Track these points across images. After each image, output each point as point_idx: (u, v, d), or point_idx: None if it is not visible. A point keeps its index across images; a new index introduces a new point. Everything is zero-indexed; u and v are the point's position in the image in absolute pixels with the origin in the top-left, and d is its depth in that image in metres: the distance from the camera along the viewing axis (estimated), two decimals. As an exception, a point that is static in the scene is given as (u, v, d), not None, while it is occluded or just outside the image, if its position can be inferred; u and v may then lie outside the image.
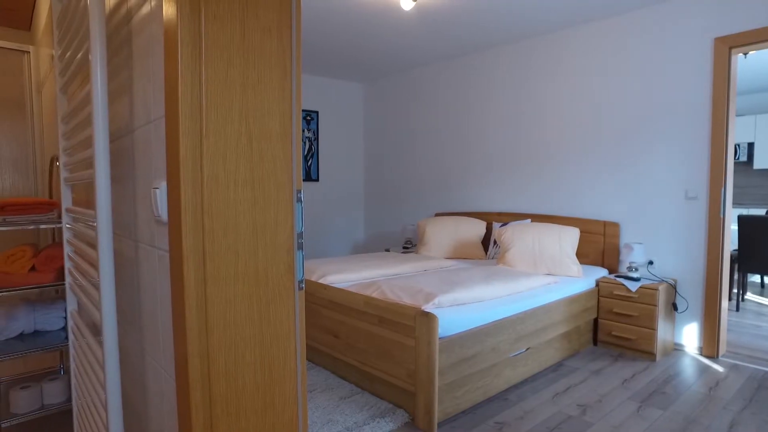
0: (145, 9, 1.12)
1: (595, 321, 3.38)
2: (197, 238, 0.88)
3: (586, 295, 3.19)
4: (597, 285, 3.32)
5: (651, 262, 3.37)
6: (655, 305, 3.02)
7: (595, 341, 3.40)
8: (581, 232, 3.69)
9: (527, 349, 2.77)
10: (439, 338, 2.25)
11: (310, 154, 5.18)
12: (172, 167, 0.90)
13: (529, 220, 3.94)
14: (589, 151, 3.68)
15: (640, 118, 3.40)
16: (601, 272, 3.44)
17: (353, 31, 3.84)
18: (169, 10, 0.90)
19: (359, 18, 3.56)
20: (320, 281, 2.99)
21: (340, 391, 2.64)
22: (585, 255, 3.68)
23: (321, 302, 2.84)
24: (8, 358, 2.19)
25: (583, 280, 3.23)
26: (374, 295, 2.66)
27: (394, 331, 2.39)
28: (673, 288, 3.19)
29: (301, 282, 1.01)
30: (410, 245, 4.67)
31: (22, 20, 3.56)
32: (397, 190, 5.29)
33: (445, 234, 4.10)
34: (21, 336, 2.41)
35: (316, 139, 5.27)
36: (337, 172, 5.49)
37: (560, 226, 3.46)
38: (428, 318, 2.20)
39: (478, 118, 4.43)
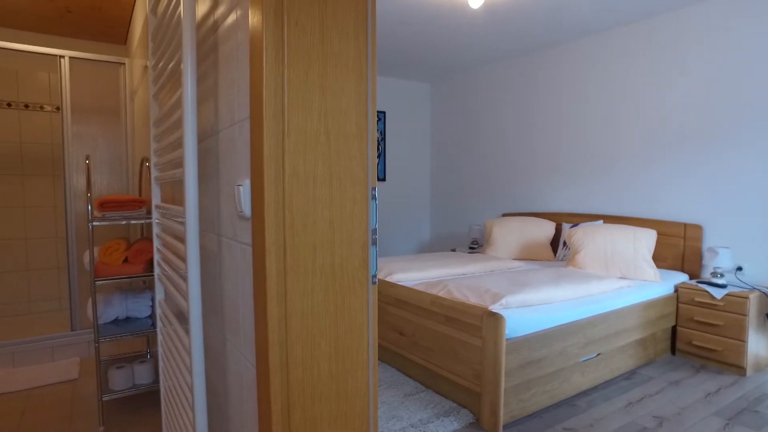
0: (231, 19, 1.20)
1: (674, 329, 3.19)
2: (279, 233, 0.93)
3: (663, 300, 3.02)
4: (676, 291, 3.13)
5: (740, 268, 3.13)
6: (745, 315, 2.80)
7: (673, 350, 3.21)
8: (658, 234, 3.49)
9: (598, 354, 2.67)
10: (506, 339, 2.22)
11: (377, 154, 5.26)
12: (256, 165, 0.96)
13: (600, 221, 3.78)
14: (667, 150, 3.47)
15: (728, 115, 3.16)
16: (681, 277, 3.24)
17: (421, 31, 3.85)
18: (254, 19, 0.96)
19: (427, 18, 3.58)
20: (387, 279, 3.03)
21: (404, 387, 2.67)
22: (662, 259, 3.48)
23: (388, 300, 2.88)
24: (107, 340, 2.41)
25: (660, 284, 3.06)
26: (441, 294, 2.66)
27: (460, 330, 2.38)
28: (767, 297, 2.94)
29: (374, 277, 1.05)
30: (476, 245, 4.62)
31: (119, 36, 3.89)
32: (464, 189, 5.25)
33: (513, 234, 4.03)
34: (116, 321, 2.64)
35: (383, 138, 5.34)
36: (403, 171, 5.53)
37: (635, 227, 3.29)
38: (495, 318, 2.17)
39: (546, 116, 4.31)
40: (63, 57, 3.19)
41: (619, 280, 2.98)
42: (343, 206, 0.99)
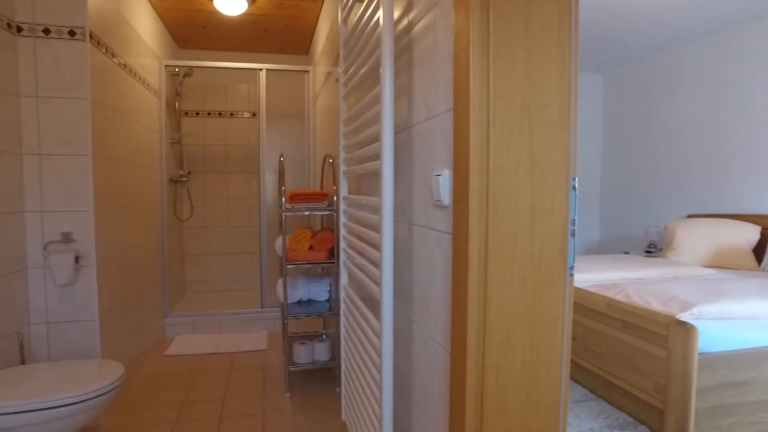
0: (428, 19, 1.27)
1: None
2: (481, 221, 0.97)
3: None
4: None
5: None
6: None
7: None
8: None
9: (823, 384, 2.23)
10: (699, 353, 1.98)
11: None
12: (459, 156, 1.01)
13: (824, 226, 3.14)
14: None
15: None
16: None
17: (592, 18, 3.61)
18: (459, 15, 1.01)
19: (599, 2, 3.34)
20: (553, 279, 2.91)
21: (573, 393, 2.54)
22: None
23: (554, 300, 2.77)
24: (293, 318, 2.72)
25: None
26: (618, 297, 2.48)
27: (640, 338, 2.19)
28: None
29: (571, 268, 1.03)
30: (654, 249, 4.19)
31: (303, 47, 4.35)
32: (639, 188, 4.79)
33: (701, 238, 3.56)
34: (299, 302, 2.97)
35: (546, 134, 5.12)
36: (567, 168, 5.23)
37: None
38: (686, 328, 1.95)
39: (744, 104, 3.70)
40: (261, 70, 3.68)
41: None
42: (544, 196, 0.99)
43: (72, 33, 2.24)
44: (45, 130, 2.25)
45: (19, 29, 2.19)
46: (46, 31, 2.22)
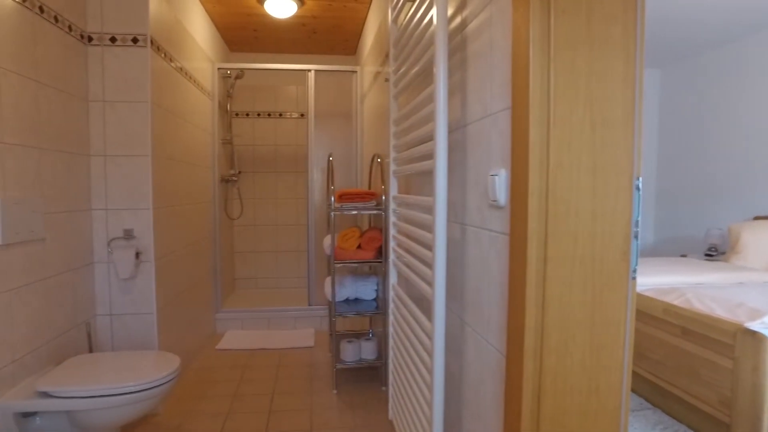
0: (483, 16, 1.25)
1: None
2: (540, 222, 0.95)
3: None
4: None
5: None
6: None
7: None
8: None
9: None
10: (770, 365, 1.86)
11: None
12: (517, 155, 0.99)
13: None
14: None
15: None
16: None
17: (650, 6, 3.46)
18: (518, 11, 0.99)
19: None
20: (606, 282, 2.82)
21: (628, 401, 2.45)
22: None
23: (607, 304, 2.67)
24: (341, 316, 2.75)
25: None
26: (677, 302, 2.37)
27: (702, 346, 2.08)
28: None
29: (634, 271, 0.99)
30: (715, 252, 3.97)
31: (350, 47, 4.40)
32: (698, 188, 4.56)
33: (769, 242, 3.35)
34: (346, 301, 3.00)
35: (597, 133, 4.95)
36: (619, 168, 5.04)
37: None
38: (755, 338, 1.84)
39: (826, 97, 3.45)
40: (310, 71, 3.74)
41: None
42: (606, 196, 0.96)
43: (135, 40, 2.35)
44: (110, 133, 2.37)
45: (90, 39, 2.33)
46: (113, 39, 2.34)
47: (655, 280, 2.82)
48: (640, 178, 0.97)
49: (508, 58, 1.08)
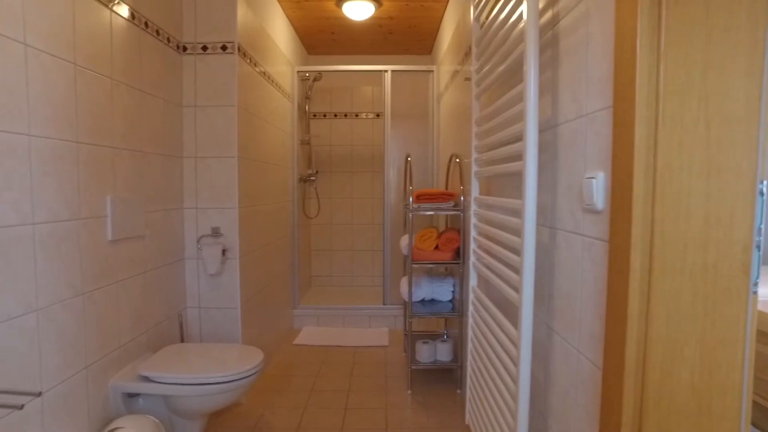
0: (579, 10, 1.19)
1: None
2: (645, 228, 0.88)
3: None
4: None
5: None
6: None
7: None
8: None
9: None
10: None
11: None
12: (619, 157, 0.93)
13: None
14: None
15: None
16: None
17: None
18: (623, 2, 0.93)
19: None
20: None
21: (729, 423, 2.24)
22: None
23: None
24: (417, 316, 2.74)
25: None
26: (792, 317, 2.13)
27: (823, 367, 1.85)
28: None
29: (755, 284, 0.89)
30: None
31: (426, 47, 4.39)
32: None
33: None
34: (422, 301, 2.98)
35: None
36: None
37: None
38: None
39: None
40: (386, 71, 3.76)
41: None
42: (722, 201, 0.87)
43: (224, 47, 2.48)
44: (200, 136, 2.52)
45: (185, 48, 2.48)
46: (204, 48, 2.48)
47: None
48: (765, 182, 0.88)
49: (609, 53, 1.01)
